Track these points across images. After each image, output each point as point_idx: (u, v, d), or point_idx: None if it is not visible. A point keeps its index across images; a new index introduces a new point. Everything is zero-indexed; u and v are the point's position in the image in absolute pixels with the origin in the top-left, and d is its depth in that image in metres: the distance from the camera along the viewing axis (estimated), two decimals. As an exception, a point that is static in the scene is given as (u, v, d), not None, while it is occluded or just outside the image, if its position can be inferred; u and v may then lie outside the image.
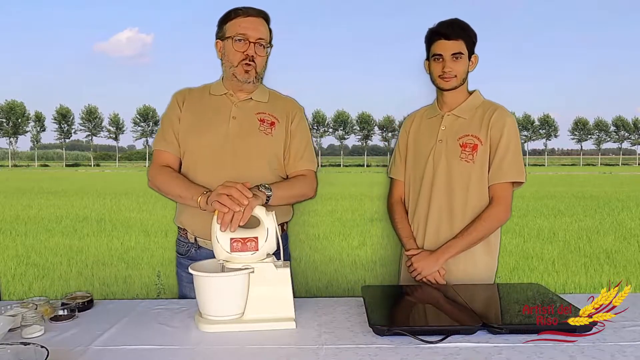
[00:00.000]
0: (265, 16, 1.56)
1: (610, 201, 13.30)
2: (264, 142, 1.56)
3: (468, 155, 1.61)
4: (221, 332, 1.18)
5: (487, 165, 1.62)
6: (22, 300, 1.31)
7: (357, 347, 1.10)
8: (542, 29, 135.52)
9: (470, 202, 1.63)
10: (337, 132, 67.41)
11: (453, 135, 1.66)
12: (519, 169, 1.61)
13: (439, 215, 1.66)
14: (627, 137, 70.30)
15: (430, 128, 1.72)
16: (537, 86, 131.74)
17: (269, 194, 1.40)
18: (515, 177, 1.61)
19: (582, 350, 1.06)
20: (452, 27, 1.62)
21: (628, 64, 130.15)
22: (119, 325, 1.23)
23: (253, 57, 1.52)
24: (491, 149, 1.62)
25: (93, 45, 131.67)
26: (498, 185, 1.61)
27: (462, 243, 1.59)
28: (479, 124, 1.63)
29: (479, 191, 1.62)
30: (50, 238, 7.75)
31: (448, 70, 1.62)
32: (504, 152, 1.60)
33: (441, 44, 1.61)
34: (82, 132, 64.74)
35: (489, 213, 1.60)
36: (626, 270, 5.93)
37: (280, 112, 1.61)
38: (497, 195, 1.61)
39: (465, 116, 1.66)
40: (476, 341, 1.11)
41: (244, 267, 1.23)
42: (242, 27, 1.52)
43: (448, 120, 1.68)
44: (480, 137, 1.62)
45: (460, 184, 1.63)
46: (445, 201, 1.64)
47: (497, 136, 1.61)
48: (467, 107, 1.67)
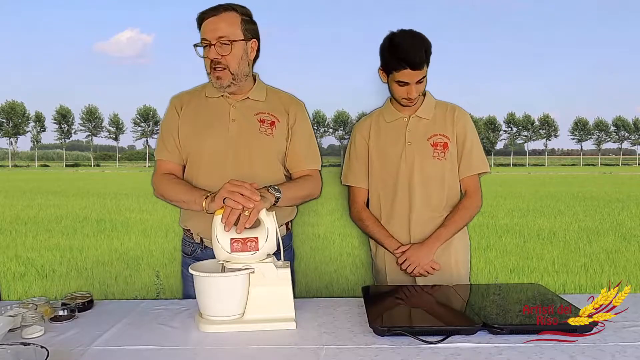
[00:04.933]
0: (230, 8, 1.46)
1: (610, 201, 13.29)
2: (266, 144, 1.54)
3: (440, 153, 1.71)
4: (221, 333, 1.18)
5: (456, 160, 1.73)
6: (22, 301, 1.31)
7: (358, 347, 1.10)
8: (542, 28, 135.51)
9: (447, 195, 1.73)
10: (337, 132, 67.54)
11: (422, 136, 1.72)
12: (484, 160, 1.76)
13: (421, 214, 1.71)
14: (627, 137, 70.23)
15: (394, 131, 1.75)
16: (537, 86, 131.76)
17: (278, 195, 1.38)
18: (482, 169, 1.75)
19: (583, 351, 1.06)
20: (418, 56, 1.59)
21: (628, 64, 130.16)
22: (119, 326, 1.23)
23: (219, 60, 1.46)
24: (458, 145, 1.73)
25: (93, 45, 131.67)
26: (469, 178, 1.74)
27: (448, 231, 1.69)
28: (444, 123, 1.73)
29: (452, 184, 1.74)
30: (50, 238, 7.74)
31: (414, 97, 1.66)
32: (470, 147, 1.73)
33: (407, 74, 1.62)
34: (82, 132, 64.69)
35: (467, 203, 1.73)
36: (626, 270, 5.93)
37: (279, 110, 1.58)
38: (471, 187, 1.75)
39: (427, 117, 1.74)
40: (476, 341, 1.11)
41: (244, 267, 1.23)
42: (203, 32, 1.47)
43: (413, 122, 1.74)
44: (448, 135, 1.72)
45: (437, 181, 1.72)
46: (425, 199, 1.71)
47: (462, 133, 1.73)
48: (427, 108, 1.75)
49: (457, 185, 1.75)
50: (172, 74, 28.01)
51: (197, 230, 1.59)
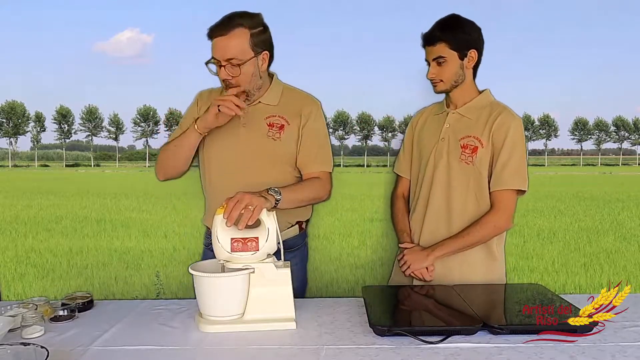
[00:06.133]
0: (238, 24, 1.43)
1: (610, 201, 13.30)
2: (273, 147, 1.54)
3: (467, 157, 1.57)
4: (221, 333, 1.18)
5: (488, 168, 1.57)
6: (22, 301, 1.31)
7: (358, 347, 1.09)
8: (542, 28, 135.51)
9: (468, 205, 1.59)
10: (337, 132, 67.46)
11: (455, 134, 1.61)
12: (522, 176, 1.56)
13: (436, 216, 1.63)
14: (627, 137, 70.30)
15: (435, 125, 1.69)
16: (537, 86, 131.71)
17: (278, 197, 1.37)
18: (516, 185, 1.55)
19: (583, 351, 1.06)
20: (433, 31, 1.59)
21: (628, 64, 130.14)
22: (119, 326, 1.23)
23: (230, 80, 1.45)
24: (494, 153, 1.56)
25: (93, 45, 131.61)
26: (499, 192, 1.55)
27: (455, 244, 1.56)
28: (483, 126, 1.58)
29: (478, 194, 1.58)
30: (50, 238, 7.75)
31: (431, 77, 1.61)
32: (506, 158, 1.54)
33: (426, 50, 1.61)
34: (82, 132, 64.84)
35: (487, 219, 1.55)
36: (626, 270, 5.93)
37: (292, 113, 1.56)
38: (498, 202, 1.56)
39: (470, 116, 1.61)
40: (477, 341, 1.11)
41: (245, 267, 1.23)
42: (213, 51, 1.45)
43: (452, 118, 1.64)
44: (482, 139, 1.56)
45: (460, 186, 1.59)
46: (444, 202, 1.61)
47: (501, 140, 1.55)
48: (473, 107, 1.62)
49: (484, 197, 1.58)
50: (172, 74, 27.69)
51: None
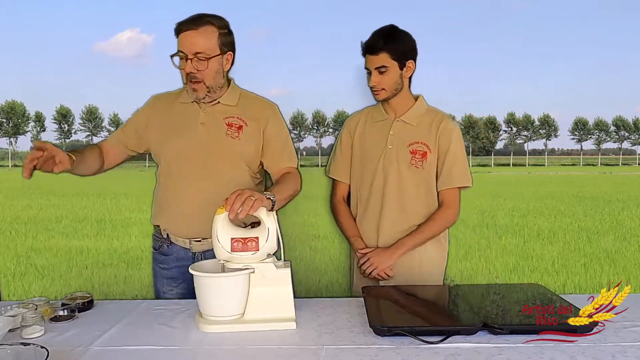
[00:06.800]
0: (208, 22, 1.47)
1: (610, 201, 13.30)
2: (231, 145, 1.56)
3: (418, 161, 1.69)
4: (221, 333, 1.18)
5: (435, 170, 1.71)
6: (22, 301, 1.31)
7: (358, 347, 1.10)
8: (542, 28, 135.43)
9: (419, 204, 1.71)
10: (337, 132, 67.34)
11: (402, 141, 1.71)
12: (467, 174, 1.72)
13: (392, 219, 1.71)
14: (627, 137, 70.31)
15: (378, 133, 1.75)
16: (537, 86, 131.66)
17: (273, 199, 1.36)
18: (463, 183, 1.72)
19: (583, 351, 1.06)
20: (376, 41, 1.63)
21: (628, 64, 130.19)
22: (119, 326, 1.23)
23: (195, 74, 1.48)
24: (439, 156, 1.70)
25: (93, 45, 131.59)
26: (448, 190, 1.71)
27: (413, 241, 1.68)
28: (428, 132, 1.70)
29: (427, 194, 1.71)
30: (50, 238, 7.74)
31: (373, 85, 1.66)
32: (452, 160, 1.69)
33: (367, 59, 1.66)
34: (82, 132, 64.85)
35: (439, 215, 1.70)
36: (626, 270, 5.93)
37: (250, 115, 1.60)
38: (447, 199, 1.71)
39: (413, 123, 1.71)
40: (477, 341, 1.11)
41: (245, 267, 1.23)
42: (180, 44, 1.48)
43: (397, 126, 1.72)
44: (429, 144, 1.69)
45: (411, 189, 1.70)
46: (398, 205, 1.70)
47: (446, 145, 1.69)
48: (414, 114, 1.72)
49: (432, 196, 1.72)
50: (172, 74, 27.80)
51: (164, 226, 1.64)
